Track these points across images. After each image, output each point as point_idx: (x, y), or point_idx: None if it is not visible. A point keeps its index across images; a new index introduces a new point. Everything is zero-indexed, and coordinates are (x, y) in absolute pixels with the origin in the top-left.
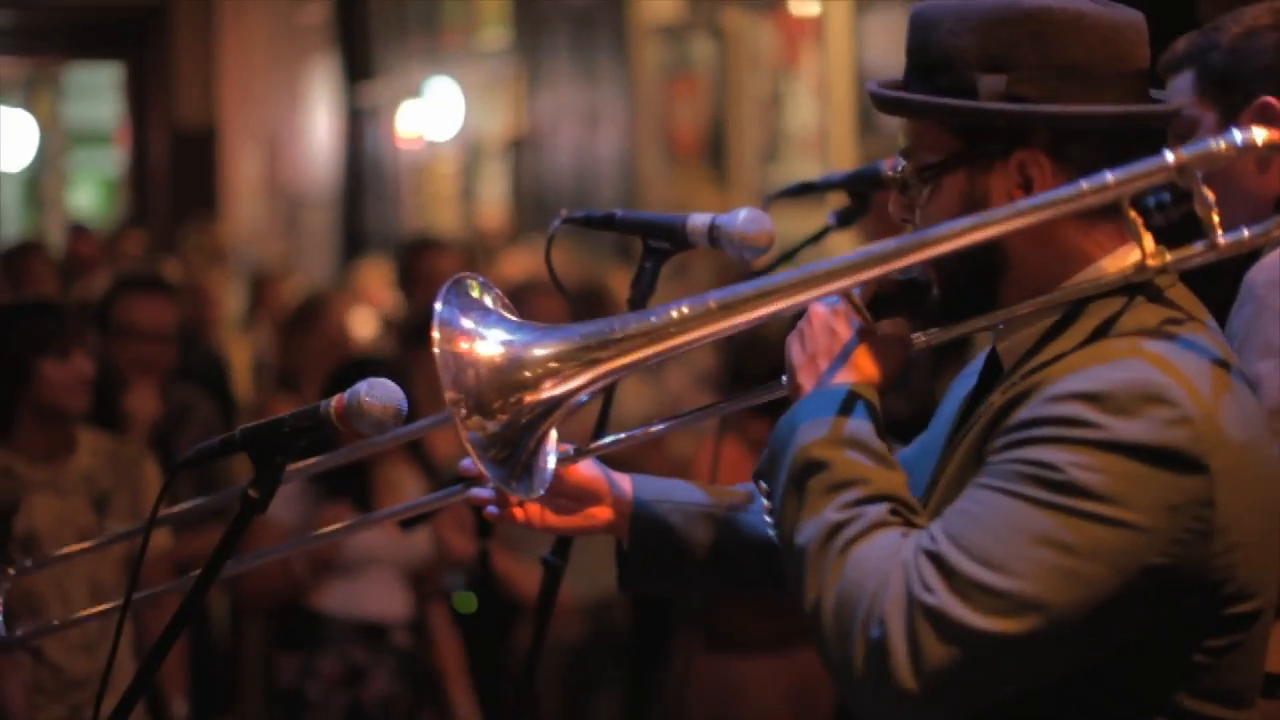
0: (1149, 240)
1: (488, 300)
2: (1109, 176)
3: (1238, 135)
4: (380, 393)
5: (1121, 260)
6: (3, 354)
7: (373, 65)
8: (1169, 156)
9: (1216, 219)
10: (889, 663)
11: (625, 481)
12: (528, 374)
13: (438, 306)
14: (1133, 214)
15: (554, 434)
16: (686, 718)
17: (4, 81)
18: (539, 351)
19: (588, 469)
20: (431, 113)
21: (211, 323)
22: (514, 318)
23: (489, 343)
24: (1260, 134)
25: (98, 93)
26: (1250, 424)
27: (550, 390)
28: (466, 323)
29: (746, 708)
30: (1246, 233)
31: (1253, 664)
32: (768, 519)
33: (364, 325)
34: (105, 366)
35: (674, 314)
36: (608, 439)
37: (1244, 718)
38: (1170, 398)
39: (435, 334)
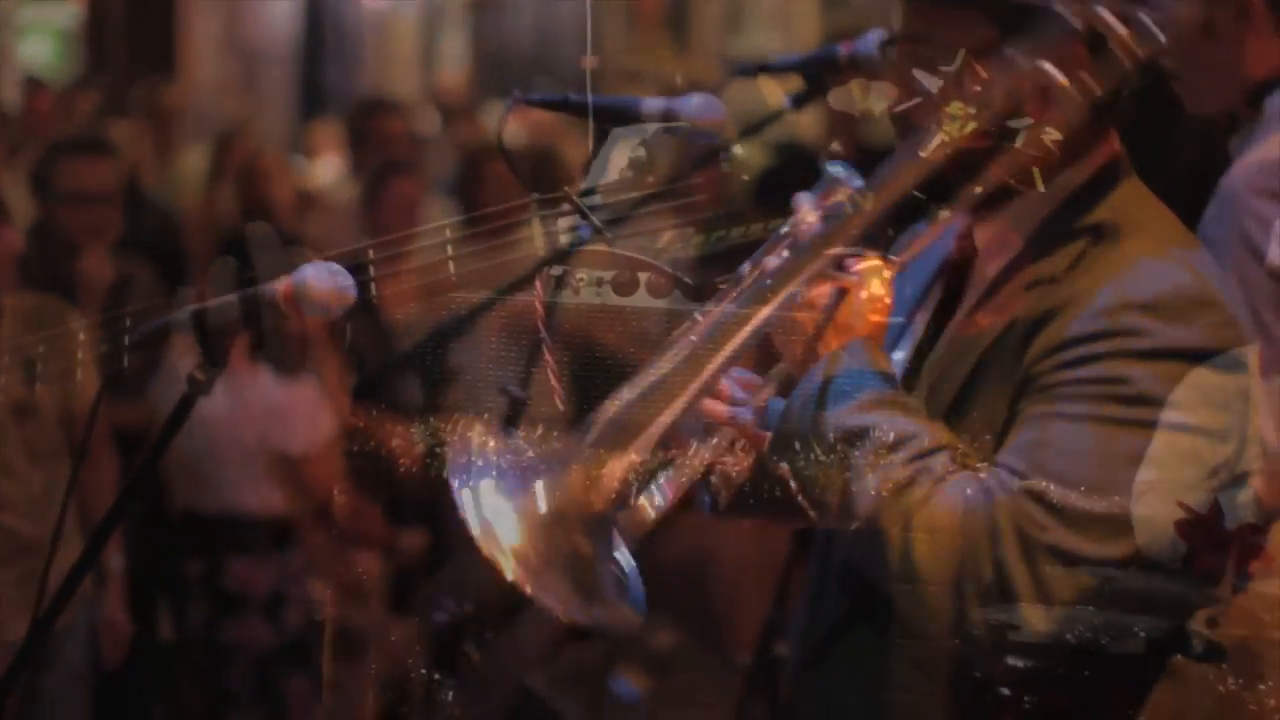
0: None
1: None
2: None
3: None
4: (328, 278)
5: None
6: None
7: None
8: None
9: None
10: (1015, 604)
11: None
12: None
13: (456, 489)
14: None
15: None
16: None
17: None
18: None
19: None
20: None
21: (160, 182)
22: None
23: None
24: None
25: None
26: None
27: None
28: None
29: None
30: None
31: None
32: (799, 497)
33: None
34: (52, 233)
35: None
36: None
37: None
38: (1217, 300)
39: (473, 530)
